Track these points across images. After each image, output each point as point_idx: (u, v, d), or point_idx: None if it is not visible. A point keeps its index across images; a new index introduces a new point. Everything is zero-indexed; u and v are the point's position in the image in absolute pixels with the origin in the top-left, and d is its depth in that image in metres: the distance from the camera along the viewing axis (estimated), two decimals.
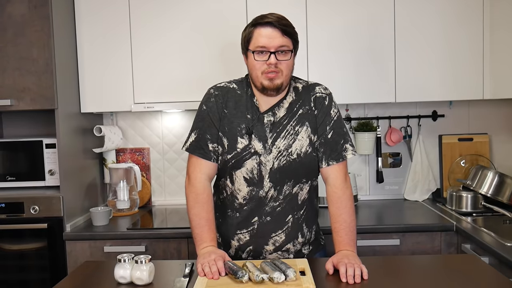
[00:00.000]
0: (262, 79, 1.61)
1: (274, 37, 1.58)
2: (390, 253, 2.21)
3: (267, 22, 1.59)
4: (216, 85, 1.74)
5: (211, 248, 1.59)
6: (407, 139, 2.82)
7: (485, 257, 1.88)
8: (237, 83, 1.74)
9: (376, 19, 2.45)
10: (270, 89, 1.62)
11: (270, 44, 1.58)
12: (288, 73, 1.64)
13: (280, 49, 1.59)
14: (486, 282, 1.47)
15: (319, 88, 1.72)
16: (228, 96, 1.69)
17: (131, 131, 2.87)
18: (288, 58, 1.61)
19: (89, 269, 1.65)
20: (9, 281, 2.31)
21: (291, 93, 1.70)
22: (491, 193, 2.40)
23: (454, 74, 2.47)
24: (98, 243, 2.26)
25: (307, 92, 1.71)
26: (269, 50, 1.59)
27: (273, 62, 1.59)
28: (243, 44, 1.67)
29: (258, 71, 1.61)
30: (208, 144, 1.68)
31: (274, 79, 1.60)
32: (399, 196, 2.84)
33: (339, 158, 1.68)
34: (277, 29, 1.59)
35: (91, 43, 2.49)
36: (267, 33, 1.59)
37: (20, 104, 2.26)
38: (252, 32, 1.62)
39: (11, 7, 2.23)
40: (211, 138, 1.68)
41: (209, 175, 1.71)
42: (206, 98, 1.72)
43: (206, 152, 1.68)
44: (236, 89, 1.71)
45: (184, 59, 2.48)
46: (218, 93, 1.70)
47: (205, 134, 1.68)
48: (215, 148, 1.68)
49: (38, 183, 2.45)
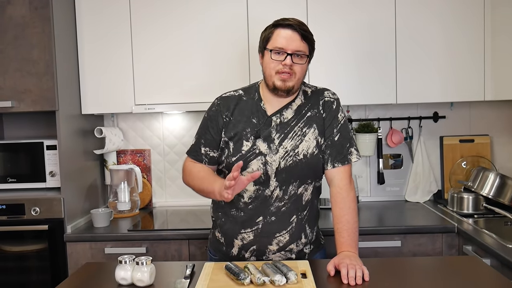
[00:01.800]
0: (275, 79, 1.64)
1: (294, 40, 1.61)
2: (391, 254, 2.21)
3: (288, 25, 1.62)
4: (222, 95, 1.79)
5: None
6: (408, 141, 2.81)
7: (487, 259, 1.88)
8: (244, 89, 1.78)
9: (377, 22, 2.45)
10: (281, 90, 1.65)
11: (288, 46, 1.61)
12: (301, 77, 1.67)
13: (297, 53, 1.62)
14: (488, 284, 1.47)
15: (327, 93, 1.77)
16: (233, 104, 1.74)
17: (132, 132, 2.87)
18: (303, 63, 1.64)
19: (90, 271, 1.65)
20: (10, 283, 2.31)
21: (300, 96, 1.74)
22: (492, 195, 2.40)
23: (455, 76, 2.47)
24: (99, 245, 2.26)
25: (317, 96, 1.75)
26: (286, 51, 1.61)
27: (288, 63, 1.61)
28: (262, 43, 1.69)
29: (273, 70, 1.64)
30: (201, 148, 1.77)
31: (287, 81, 1.63)
32: (400, 197, 2.84)
33: (344, 161, 1.71)
34: (297, 33, 1.61)
35: (92, 44, 2.50)
36: (286, 35, 1.61)
37: (21, 106, 2.26)
38: (272, 32, 1.64)
39: (12, 9, 2.23)
40: (205, 143, 1.76)
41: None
42: (210, 107, 1.80)
43: (198, 154, 1.77)
44: (242, 95, 1.75)
45: (184, 61, 2.48)
46: (221, 102, 1.76)
47: (201, 139, 1.77)
48: (207, 152, 1.76)
49: (39, 185, 2.45)
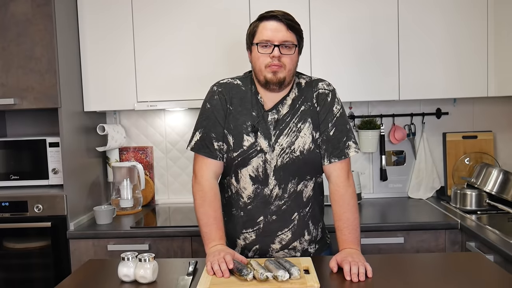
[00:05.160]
0: (266, 72, 1.60)
1: (279, 31, 1.58)
2: (395, 251, 2.20)
3: (272, 16, 1.59)
4: (219, 81, 1.72)
5: (220, 247, 1.58)
6: (411, 137, 2.81)
7: (490, 255, 1.88)
8: (241, 79, 1.72)
9: (379, 16, 2.44)
10: (273, 83, 1.60)
11: (275, 38, 1.58)
12: (291, 68, 1.62)
13: (284, 43, 1.58)
14: (491, 280, 1.47)
15: (322, 84, 1.70)
16: (232, 93, 1.68)
17: (134, 129, 2.87)
18: (292, 53, 1.60)
19: (93, 268, 1.65)
20: (13, 280, 2.31)
21: (294, 90, 1.69)
22: (495, 191, 2.39)
23: (458, 71, 2.46)
24: (102, 242, 2.26)
25: (310, 88, 1.70)
26: (273, 43, 1.58)
27: (277, 55, 1.58)
28: (248, 39, 1.66)
29: (262, 64, 1.60)
30: (213, 143, 1.66)
31: (277, 73, 1.59)
32: (403, 194, 2.83)
33: (341, 156, 1.66)
34: (282, 23, 1.58)
35: (94, 41, 2.49)
36: (272, 26, 1.58)
37: (24, 103, 2.26)
38: (257, 26, 1.62)
39: (14, 6, 2.23)
40: (216, 137, 1.66)
41: (215, 174, 1.69)
42: (209, 96, 1.70)
43: (211, 151, 1.66)
44: (241, 85, 1.69)
45: (187, 57, 2.47)
46: (221, 89, 1.68)
47: (210, 132, 1.66)
48: (221, 147, 1.66)
49: (42, 182, 2.45)
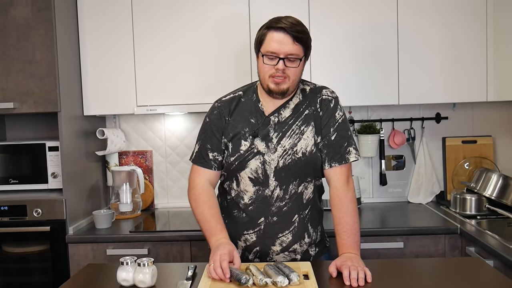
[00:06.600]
0: (269, 82, 1.64)
1: (285, 43, 1.59)
2: (394, 256, 2.20)
3: (280, 27, 1.60)
4: (221, 98, 1.79)
5: (222, 240, 1.59)
6: (410, 142, 2.81)
7: (490, 260, 1.87)
8: (243, 90, 1.78)
9: (379, 22, 2.45)
10: (276, 93, 1.65)
11: (280, 50, 1.60)
12: (295, 79, 1.66)
13: (289, 57, 1.61)
14: (491, 285, 1.46)
15: (326, 91, 1.75)
16: (232, 106, 1.74)
17: (134, 133, 2.87)
18: (296, 66, 1.63)
19: (92, 272, 1.65)
20: (12, 284, 2.31)
21: (298, 95, 1.74)
22: (495, 196, 2.39)
23: (457, 76, 2.46)
24: (101, 246, 2.26)
25: (314, 94, 1.74)
26: (278, 55, 1.60)
27: (281, 67, 1.61)
28: (256, 44, 1.69)
29: (266, 74, 1.64)
30: (208, 154, 1.73)
31: (281, 84, 1.63)
32: (403, 198, 2.83)
33: (341, 161, 1.69)
34: (289, 35, 1.59)
35: (94, 46, 2.50)
36: (278, 38, 1.60)
37: (23, 107, 2.26)
38: (265, 35, 1.64)
39: (14, 11, 2.24)
40: (211, 147, 1.73)
41: (210, 182, 1.75)
42: (210, 111, 1.78)
43: (206, 161, 1.73)
44: (241, 96, 1.75)
45: (187, 62, 2.47)
46: (221, 105, 1.75)
47: (206, 144, 1.74)
48: (216, 157, 1.73)
49: (41, 186, 2.45)
